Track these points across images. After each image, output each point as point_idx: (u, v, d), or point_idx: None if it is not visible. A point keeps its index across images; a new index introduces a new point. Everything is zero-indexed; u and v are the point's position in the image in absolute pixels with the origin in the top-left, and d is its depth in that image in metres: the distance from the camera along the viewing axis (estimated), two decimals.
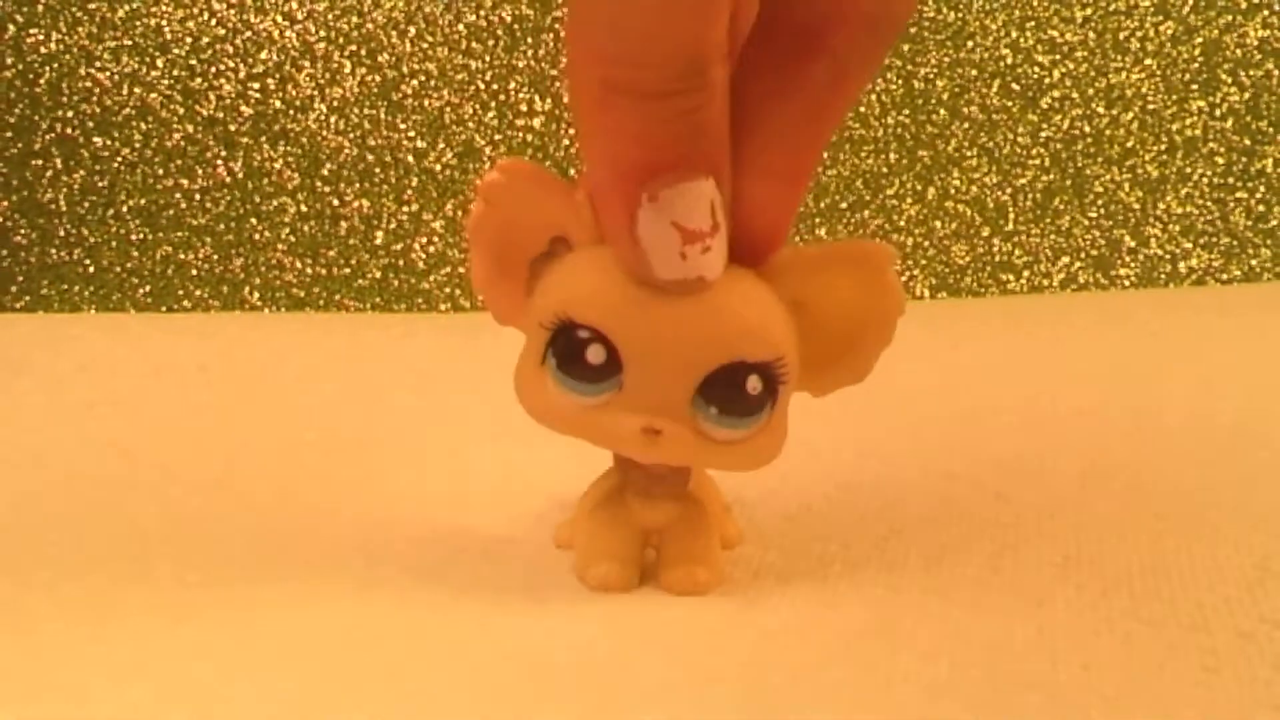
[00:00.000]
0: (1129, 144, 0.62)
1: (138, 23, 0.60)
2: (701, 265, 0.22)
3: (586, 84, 0.21)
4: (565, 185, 0.24)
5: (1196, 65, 0.62)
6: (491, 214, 0.24)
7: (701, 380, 0.23)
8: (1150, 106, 0.62)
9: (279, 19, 0.61)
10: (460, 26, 0.61)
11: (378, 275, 0.62)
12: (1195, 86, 0.62)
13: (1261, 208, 0.63)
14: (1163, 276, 0.63)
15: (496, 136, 0.61)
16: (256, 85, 0.61)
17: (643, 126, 0.21)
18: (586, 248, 0.24)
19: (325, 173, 0.61)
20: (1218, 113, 0.62)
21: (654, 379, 0.23)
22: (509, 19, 0.61)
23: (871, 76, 0.25)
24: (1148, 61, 0.62)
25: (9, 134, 0.60)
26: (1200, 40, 0.61)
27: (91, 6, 0.60)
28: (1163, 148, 0.62)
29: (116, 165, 0.61)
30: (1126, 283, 0.63)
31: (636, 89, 0.21)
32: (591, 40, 0.21)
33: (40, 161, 0.61)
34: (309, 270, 0.62)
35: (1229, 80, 0.62)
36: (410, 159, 0.61)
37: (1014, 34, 0.61)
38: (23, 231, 0.61)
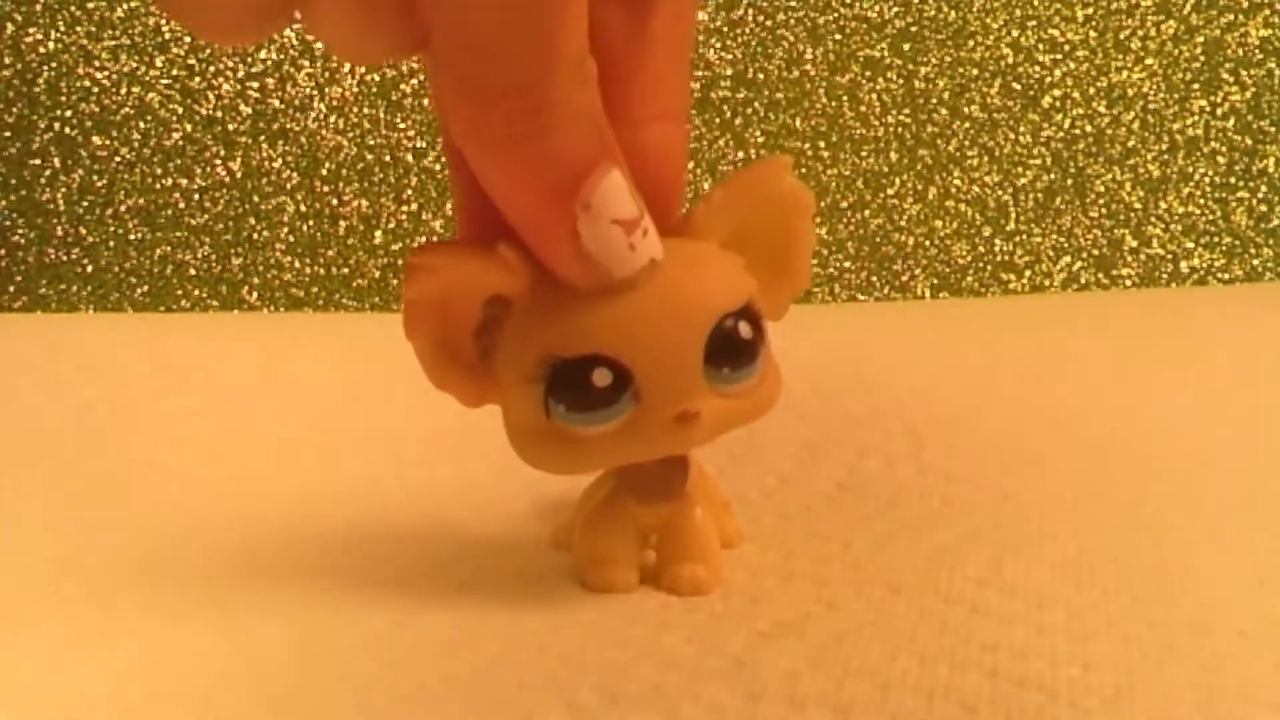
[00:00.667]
0: (1130, 143, 0.62)
1: (136, 22, 0.60)
2: (649, 248, 0.22)
3: (487, 135, 0.21)
4: (479, 247, 0.23)
5: (1198, 64, 0.62)
6: (424, 305, 0.24)
7: (704, 349, 0.23)
8: (1152, 106, 0.62)
9: None
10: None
11: (377, 275, 0.62)
12: (1197, 86, 0.62)
13: (1263, 207, 0.62)
14: (1164, 276, 0.63)
15: None
16: (255, 84, 0.61)
17: (554, 143, 0.21)
18: (531, 293, 0.23)
19: (324, 172, 0.61)
20: (1219, 112, 0.62)
21: (666, 371, 0.23)
22: None
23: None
24: (1149, 61, 0.62)
25: (7, 133, 0.60)
26: (1201, 39, 0.61)
27: (90, 6, 0.60)
28: (1164, 147, 0.62)
29: (115, 165, 0.61)
30: (1128, 282, 0.63)
31: (539, 103, 0.20)
32: (477, 84, 0.20)
33: (38, 161, 0.61)
34: (308, 270, 0.62)
35: (1230, 79, 0.62)
36: (409, 158, 0.61)
37: (1015, 33, 0.61)
38: (21, 231, 0.61)
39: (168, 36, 0.61)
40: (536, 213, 0.22)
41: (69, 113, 0.61)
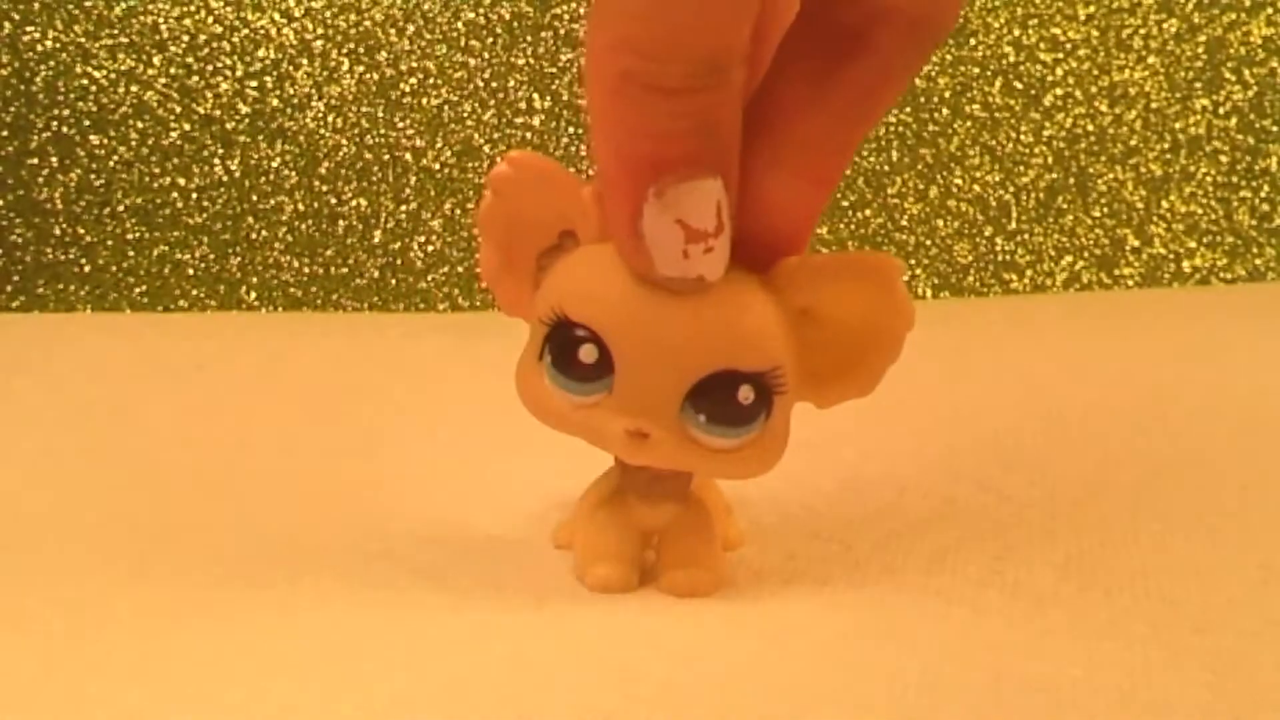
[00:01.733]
0: (1132, 142, 0.62)
1: (134, 20, 0.60)
2: (702, 265, 0.22)
3: (605, 73, 0.21)
4: (573, 180, 0.23)
5: (1200, 63, 0.61)
6: (500, 206, 0.24)
7: (691, 387, 0.23)
8: (1154, 105, 0.62)
9: (276, 16, 0.61)
10: (459, 24, 0.61)
11: (376, 274, 0.62)
12: (1199, 85, 0.62)
13: (1266, 207, 0.62)
14: (1166, 276, 0.63)
15: (495, 135, 0.61)
16: (254, 83, 0.61)
17: (656, 121, 0.21)
18: (590, 245, 0.23)
19: (323, 171, 0.61)
20: (1221, 111, 0.62)
21: (643, 382, 0.23)
22: (508, 16, 0.61)
23: (912, 80, 0.25)
24: (1151, 59, 0.61)
25: (5, 132, 0.60)
26: (1204, 38, 0.61)
27: (88, 4, 0.60)
28: (1166, 146, 0.62)
29: (113, 164, 0.61)
30: (1130, 282, 0.63)
31: (656, 83, 0.20)
32: (618, 30, 0.21)
33: (36, 160, 0.61)
34: (307, 270, 0.62)
35: (1233, 78, 0.61)
36: (409, 157, 0.61)
37: (1016, 31, 0.61)
38: (18, 231, 0.61)
39: (166, 35, 0.60)
40: (613, 172, 0.22)
41: (67, 111, 0.60)
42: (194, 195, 0.61)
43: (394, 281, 0.62)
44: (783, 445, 0.24)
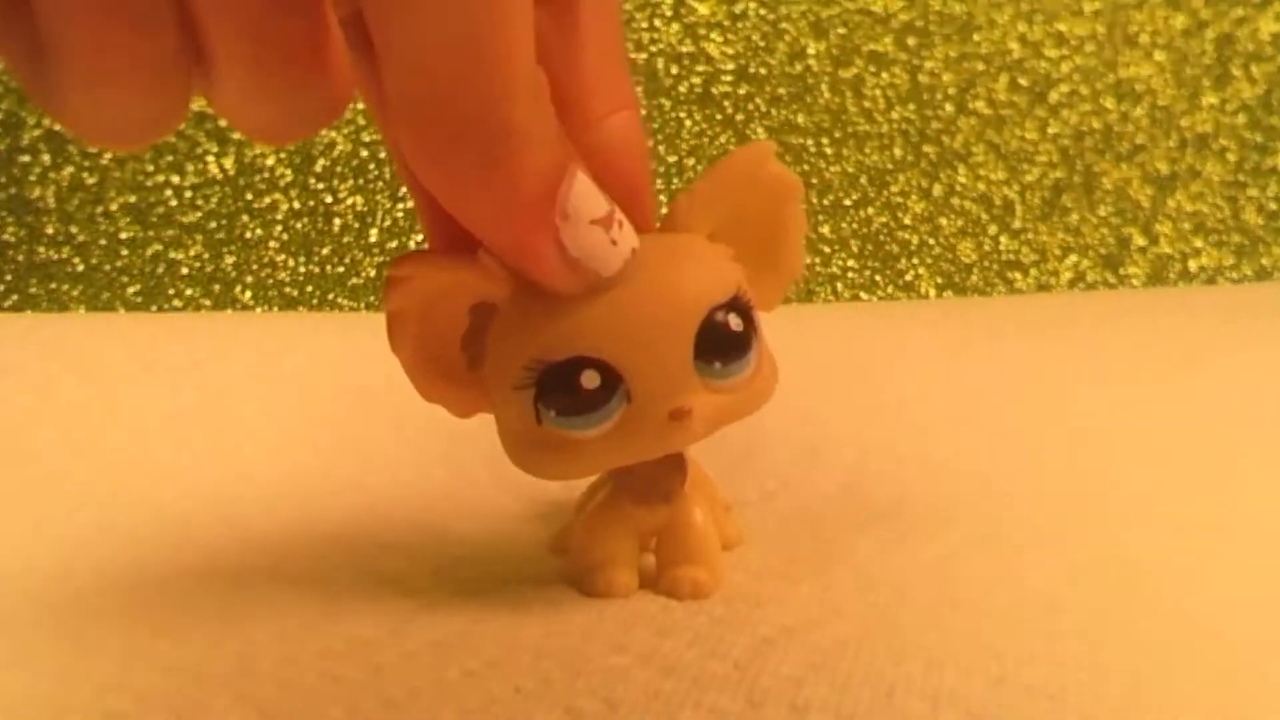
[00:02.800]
0: (1139, 140, 0.62)
1: None
2: (628, 239, 0.22)
3: (456, 172, 0.21)
4: (459, 255, 0.23)
5: (1208, 60, 0.61)
6: (407, 316, 0.24)
7: (693, 345, 0.23)
8: (1161, 102, 0.62)
9: None
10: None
11: (372, 274, 0.62)
12: (1207, 81, 0.62)
13: (1274, 205, 0.62)
14: (1173, 275, 0.63)
15: None
16: None
17: (525, 161, 0.21)
18: (514, 299, 0.23)
19: (318, 169, 0.61)
20: (1229, 108, 0.62)
21: (656, 368, 0.23)
22: None
23: None
24: (1158, 56, 0.61)
25: None
26: (1212, 34, 0.61)
27: None
28: (1173, 144, 0.62)
29: (105, 162, 0.61)
30: (1136, 281, 0.63)
31: (505, 129, 0.20)
32: (440, 124, 0.20)
33: (28, 158, 0.61)
34: (302, 268, 0.62)
35: (1241, 75, 0.61)
36: None
37: (1022, 27, 0.61)
38: (10, 229, 0.61)
39: None
40: (519, 233, 0.22)
41: None
42: (188, 193, 0.61)
43: None
44: (773, 356, 0.25)
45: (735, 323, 0.23)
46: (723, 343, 0.23)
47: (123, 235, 0.61)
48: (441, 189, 0.21)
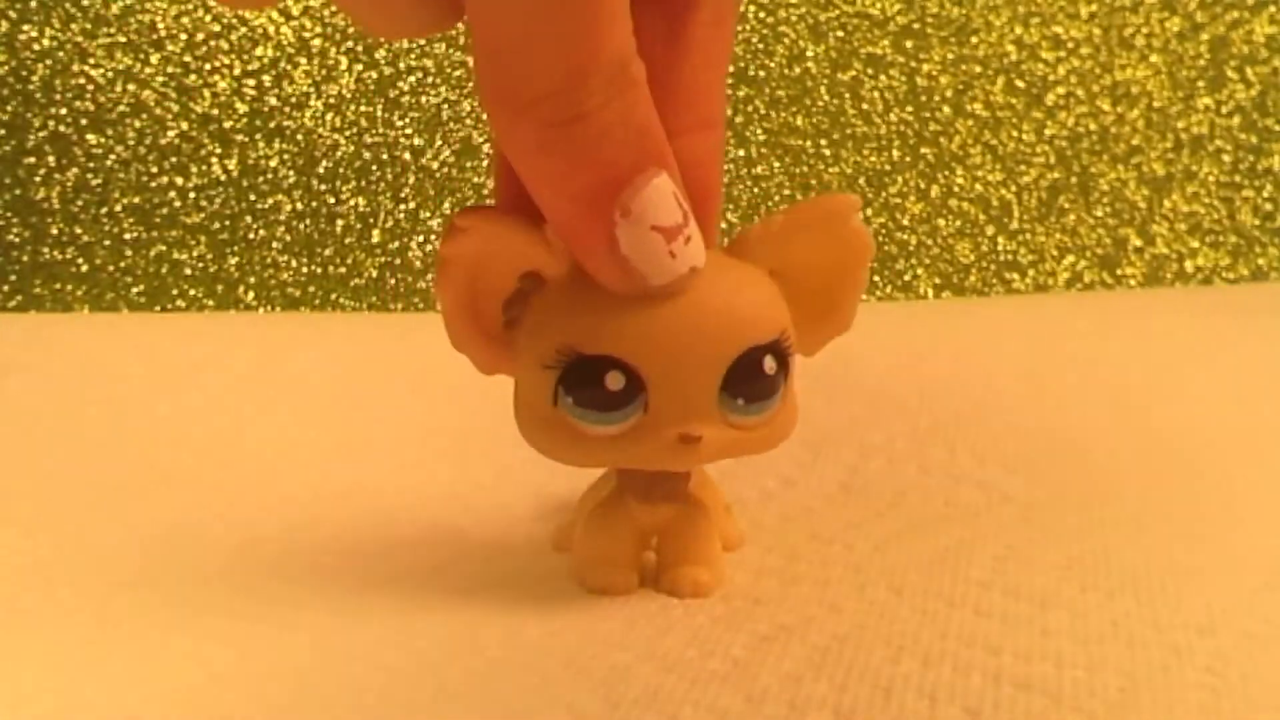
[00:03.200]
0: (1135, 141, 0.62)
1: (132, 19, 0.60)
2: (689, 257, 0.22)
3: (523, 141, 0.21)
4: (525, 221, 0.23)
5: (1203, 62, 0.61)
6: (458, 265, 0.24)
7: (723, 377, 0.23)
8: (1156, 104, 0.62)
9: (275, 15, 0.61)
10: (459, 23, 0.61)
11: (374, 274, 0.62)
12: (1202, 83, 0.62)
13: (1269, 206, 0.62)
14: (1169, 275, 0.63)
15: None
16: (252, 82, 0.61)
17: (591, 148, 0.21)
18: (567, 278, 0.23)
19: (321, 170, 0.61)
20: (1224, 110, 0.62)
21: (679, 389, 0.23)
22: None
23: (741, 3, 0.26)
24: (1154, 58, 0.61)
25: (1, 131, 0.60)
26: (1207, 37, 0.61)
27: (85, 3, 0.60)
28: (1169, 145, 0.62)
29: (110, 163, 0.61)
30: (1132, 282, 0.63)
31: (577, 111, 0.20)
32: (511, 89, 0.21)
33: (33, 159, 0.61)
34: (305, 269, 0.62)
35: (1236, 77, 0.61)
36: (407, 156, 0.61)
37: (1018, 30, 0.61)
38: (15, 230, 0.61)
39: (163, 34, 0.60)
40: (572, 217, 0.22)
41: (64, 110, 0.60)
42: (192, 194, 0.61)
43: (393, 281, 0.62)
44: (797, 404, 0.25)
45: (770, 365, 0.23)
46: (752, 382, 0.23)
47: (127, 236, 0.61)
48: (511, 156, 0.21)
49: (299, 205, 0.61)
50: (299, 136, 0.61)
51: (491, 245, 0.23)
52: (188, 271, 0.62)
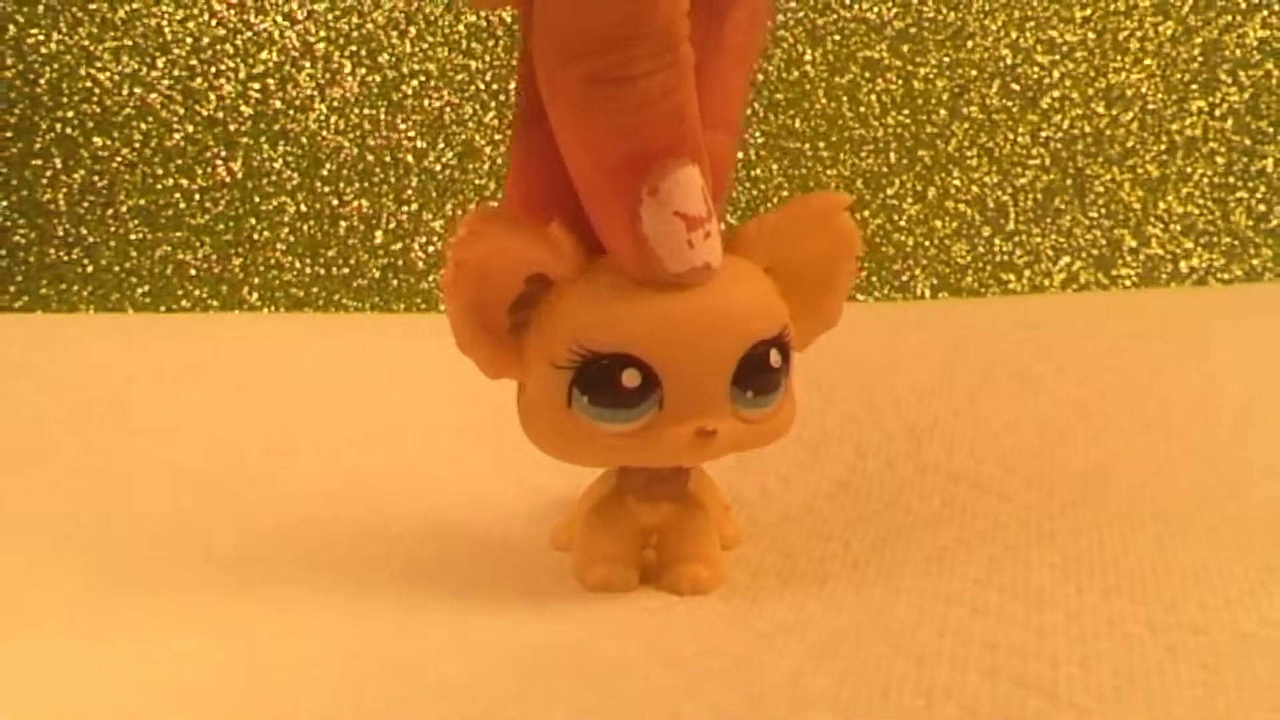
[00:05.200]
0: (1129, 144, 0.62)
1: (138, 23, 0.60)
2: (706, 251, 0.22)
3: (569, 93, 0.21)
4: (533, 222, 0.23)
5: (1196, 65, 0.61)
6: (466, 269, 0.24)
7: (734, 370, 0.23)
8: (1150, 106, 0.62)
9: (279, 19, 0.61)
10: (460, 27, 0.61)
11: (377, 275, 0.62)
12: (1195, 86, 0.62)
13: (1262, 207, 0.62)
14: (1164, 276, 0.63)
15: (496, 136, 0.61)
16: (256, 85, 0.61)
17: (631, 116, 0.21)
18: (575, 279, 0.23)
19: (325, 173, 0.61)
20: (1218, 113, 0.62)
21: (694, 384, 0.23)
22: (509, 19, 0.61)
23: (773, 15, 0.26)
24: (1147, 61, 0.61)
25: (9, 134, 0.60)
26: (1200, 40, 0.61)
27: (92, 7, 0.60)
28: (1163, 147, 0.62)
29: (116, 165, 0.61)
30: (1127, 282, 0.63)
31: (624, 73, 0.21)
32: (565, 38, 0.21)
33: (40, 161, 0.61)
34: (308, 270, 0.62)
35: (1229, 80, 0.61)
36: (410, 159, 0.61)
37: (1014, 34, 0.61)
38: (21, 231, 0.61)
39: (169, 38, 0.60)
40: (602, 183, 0.22)
41: (70, 113, 0.60)
42: (197, 196, 0.61)
43: (395, 282, 0.62)
44: (795, 399, 0.25)
45: (775, 359, 0.24)
46: (760, 375, 0.24)
47: (132, 237, 0.61)
48: (553, 110, 0.21)
49: (303, 207, 0.61)
50: (303, 139, 0.61)
51: (498, 247, 0.23)
52: (192, 272, 0.62)
